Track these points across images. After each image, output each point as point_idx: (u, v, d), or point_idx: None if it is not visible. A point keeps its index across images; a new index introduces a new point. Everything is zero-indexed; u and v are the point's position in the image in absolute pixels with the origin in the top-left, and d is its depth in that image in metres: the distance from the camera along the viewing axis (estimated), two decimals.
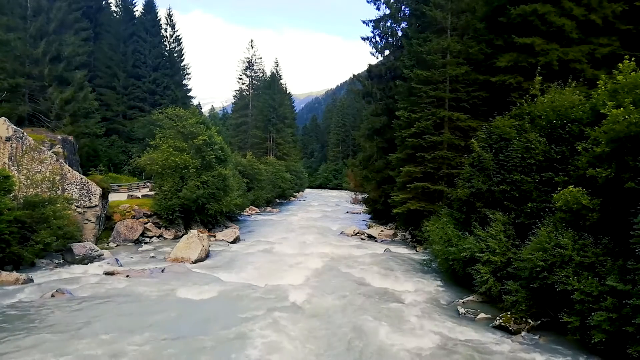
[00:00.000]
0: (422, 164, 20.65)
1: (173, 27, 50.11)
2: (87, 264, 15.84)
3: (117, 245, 20.11)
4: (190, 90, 53.21)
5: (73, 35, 31.84)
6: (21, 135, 18.04)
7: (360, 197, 41.28)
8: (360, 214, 39.19)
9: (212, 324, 10.04)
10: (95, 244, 18.08)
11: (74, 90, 29.34)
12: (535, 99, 13.58)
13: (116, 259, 16.78)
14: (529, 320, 10.06)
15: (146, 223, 22.33)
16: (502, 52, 18.01)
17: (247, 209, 37.44)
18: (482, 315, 11.04)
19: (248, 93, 69.13)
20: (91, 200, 19.12)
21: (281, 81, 71.17)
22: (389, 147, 26.24)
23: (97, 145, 36.25)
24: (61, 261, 15.88)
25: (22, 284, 12.63)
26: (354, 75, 38.06)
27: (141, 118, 41.20)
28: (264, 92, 64.85)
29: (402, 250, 20.95)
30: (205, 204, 23.61)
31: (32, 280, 13.07)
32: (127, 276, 14.05)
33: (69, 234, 16.22)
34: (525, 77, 16.64)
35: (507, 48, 17.84)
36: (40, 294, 11.83)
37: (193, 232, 18.59)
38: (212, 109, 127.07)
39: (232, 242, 22.24)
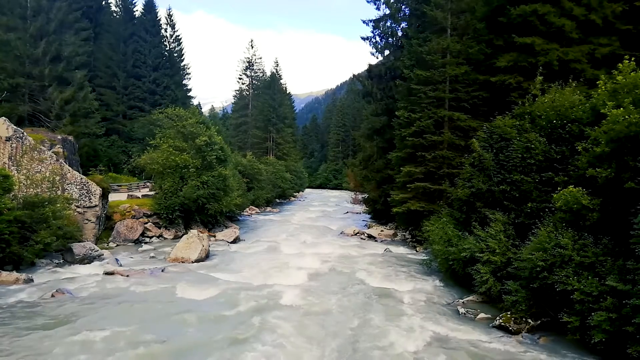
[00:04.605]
0: (423, 164, 20.63)
1: (173, 27, 50.15)
2: (87, 264, 15.83)
3: (117, 245, 20.11)
4: (190, 90, 53.30)
5: (73, 35, 31.84)
6: (21, 135, 18.04)
7: (360, 197, 41.21)
8: (360, 214, 39.17)
9: (212, 324, 10.05)
10: (95, 244, 18.07)
11: (74, 90, 29.35)
12: (535, 99, 13.59)
13: (116, 259, 16.78)
14: (529, 320, 10.06)
15: (146, 223, 22.33)
16: (502, 52, 18.01)
17: (247, 209, 37.43)
18: (482, 315, 11.04)
19: (248, 93, 69.13)
20: (91, 200, 19.12)
21: (281, 81, 71.24)
22: (389, 147, 26.22)
23: (97, 145, 36.25)
24: (61, 261, 15.88)
25: (22, 284, 12.63)
26: (354, 75, 38.06)
27: (141, 118, 41.18)
28: (264, 92, 64.85)
29: (402, 250, 20.95)
30: (205, 204, 23.61)
31: (32, 280, 13.07)
32: (127, 276, 14.05)
33: (69, 234, 16.22)
34: (525, 77, 16.63)
35: (507, 48, 17.83)
36: (40, 294, 11.83)
37: (193, 232, 18.58)
38: (212, 109, 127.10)
39: (232, 242, 22.23)
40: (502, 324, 10.15)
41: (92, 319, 10.07)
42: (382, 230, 26.24)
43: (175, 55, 50.62)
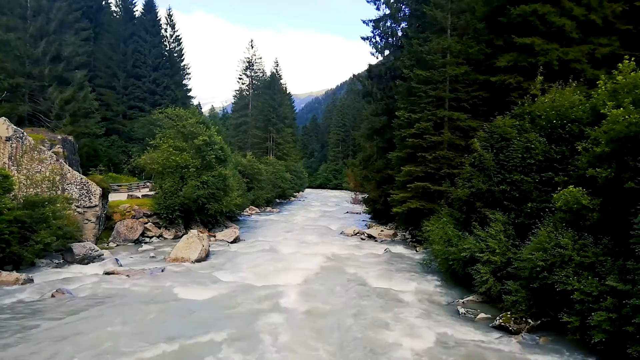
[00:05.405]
0: (423, 164, 20.63)
1: (173, 27, 50.19)
2: (87, 264, 15.84)
3: (117, 245, 20.11)
4: (190, 90, 53.33)
5: (73, 35, 31.85)
6: (21, 135, 18.04)
7: (360, 197, 41.20)
8: (360, 214, 39.17)
9: (212, 324, 10.03)
10: (95, 244, 18.08)
11: (74, 90, 29.37)
12: (535, 99, 13.59)
13: (116, 259, 16.77)
14: (529, 320, 10.06)
15: (146, 223, 22.33)
16: (502, 52, 18.00)
17: (247, 209, 37.43)
18: (482, 315, 11.04)
19: (248, 93, 69.11)
20: (91, 200, 19.12)
21: (281, 81, 71.23)
22: (388, 147, 26.21)
23: (97, 145, 36.26)
24: (61, 261, 15.88)
25: (22, 284, 12.63)
26: (354, 75, 38.04)
27: (141, 118, 41.20)
28: (264, 92, 64.84)
29: (402, 250, 20.95)
30: (205, 203, 23.61)
31: (32, 280, 13.07)
32: (127, 276, 14.06)
33: (69, 234, 16.22)
34: (525, 77, 16.63)
35: (507, 48, 17.82)
36: (40, 294, 11.83)
37: (193, 232, 18.58)
38: (212, 109, 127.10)
39: (232, 242, 22.23)
40: (502, 324, 10.15)
41: (92, 319, 10.07)
42: (382, 230, 26.24)
43: (175, 55, 50.65)
